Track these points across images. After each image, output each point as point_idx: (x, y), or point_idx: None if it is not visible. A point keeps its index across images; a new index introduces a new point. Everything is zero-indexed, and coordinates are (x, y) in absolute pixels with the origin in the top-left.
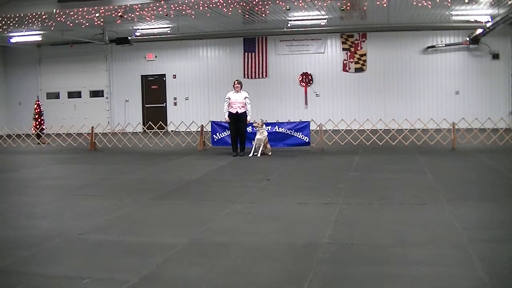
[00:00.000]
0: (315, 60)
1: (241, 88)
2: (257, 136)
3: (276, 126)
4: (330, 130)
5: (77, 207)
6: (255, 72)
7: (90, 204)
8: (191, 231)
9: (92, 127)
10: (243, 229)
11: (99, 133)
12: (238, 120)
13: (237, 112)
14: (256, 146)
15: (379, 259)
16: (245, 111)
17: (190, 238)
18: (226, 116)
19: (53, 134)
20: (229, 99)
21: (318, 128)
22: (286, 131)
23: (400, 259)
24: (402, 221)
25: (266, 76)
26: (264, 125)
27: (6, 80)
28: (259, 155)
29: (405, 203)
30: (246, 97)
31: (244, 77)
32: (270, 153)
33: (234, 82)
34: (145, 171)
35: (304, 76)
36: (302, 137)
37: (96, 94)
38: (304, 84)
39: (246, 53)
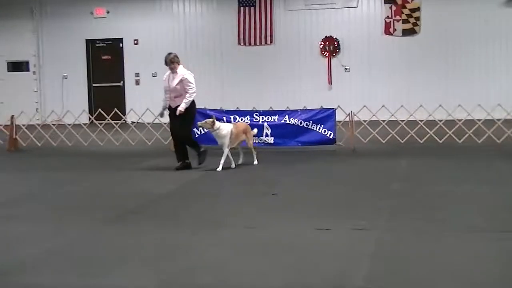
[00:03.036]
0: (343, 18)
1: (178, 66)
2: (220, 140)
3: (286, 116)
4: (365, 121)
5: None
6: (255, 36)
7: (13, 231)
8: (161, 269)
9: (12, 116)
10: (235, 266)
11: (23, 125)
12: (173, 117)
13: (169, 106)
14: (226, 153)
15: None
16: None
17: (159, 279)
18: (162, 110)
19: None
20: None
21: (347, 119)
22: (301, 123)
23: None
24: (471, 255)
25: (271, 42)
26: (216, 123)
27: None
28: (233, 165)
29: (476, 230)
30: (183, 80)
31: (239, 43)
32: (255, 162)
33: (166, 59)
34: (94, 182)
35: (327, 43)
36: (324, 131)
37: (17, 67)
38: (328, 54)
39: (242, 8)
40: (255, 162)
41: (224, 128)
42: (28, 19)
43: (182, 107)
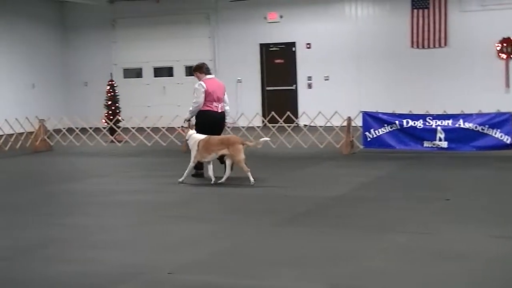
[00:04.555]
0: None
1: (199, 76)
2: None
3: (460, 120)
4: None
5: (164, 234)
6: (428, 38)
7: (185, 230)
8: (331, 272)
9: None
10: (407, 272)
11: None
12: None
13: None
14: (190, 165)
15: None
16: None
17: (329, 283)
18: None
19: (133, 128)
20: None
21: None
22: (476, 127)
23: None
24: None
25: (445, 44)
26: (189, 132)
27: (66, 51)
28: (212, 180)
29: None
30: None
31: (412, 46)
32: (251, 180)
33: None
34: (264, 184)
35: (504, 44)
36: (501, 136)
37: None
38: (506, 56)
39: (415, 11)
40: (251, 180)
41: (193, 139)
42: (204, 25)
43: (186, 116)
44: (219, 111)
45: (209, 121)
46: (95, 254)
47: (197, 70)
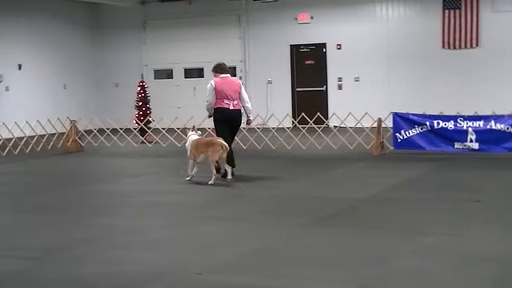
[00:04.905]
0: None
1: (214, 75)
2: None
3: (492, 121)
4: None
5: (196, 235)
6: (460, 39)
7: (215, 231)
8: (360, 274)
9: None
10: (437, 274)
11: None
12: None
13: None
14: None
15: None
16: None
17: (359, 283)
18: None
19: (163, 129)
20: None
21: None
22: (508, 128)
23: None
24: None
25: (476, 45)
26: (189, 133)
27: (97, 52)
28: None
29: None
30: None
31: (443, 46)
32: (211, 180)
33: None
34: (294, 185)
35: None
36: None
37: None
38: None
39: (447, 11)
40: (211, 181)
41: (189, 140)
42: (235, 26)
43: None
44: (231, 108)
45: (221, 117)
46: (124, 254)
47: (213, 70)
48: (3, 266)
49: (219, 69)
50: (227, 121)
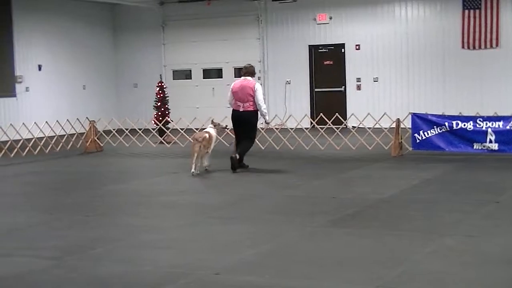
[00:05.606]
0: None
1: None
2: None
3: (511, 122)
4: None
5: (213, 235)
6: (479, 39)
7: (232, 231)
8: (378, 275)
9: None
10: (457, 276)
11: None
12: None
13: None
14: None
15: None
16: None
17: (376, 284)
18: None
19: (182, 129)
20: None
21: None
22: None
23: None
24: None
25: (496, 45)
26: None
27: (116, 53)
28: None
29: None
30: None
31: (463, 47)
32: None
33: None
34: (312, 185)
35: None
36: None
37: None
38: None
39: (466, 11)
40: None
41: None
42: (253, 26)
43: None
44: (241, 110)
45: (232, 119)
46: (143, 254)
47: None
48: (23, 265)
49: (242, 72)
50: (235, 122)
